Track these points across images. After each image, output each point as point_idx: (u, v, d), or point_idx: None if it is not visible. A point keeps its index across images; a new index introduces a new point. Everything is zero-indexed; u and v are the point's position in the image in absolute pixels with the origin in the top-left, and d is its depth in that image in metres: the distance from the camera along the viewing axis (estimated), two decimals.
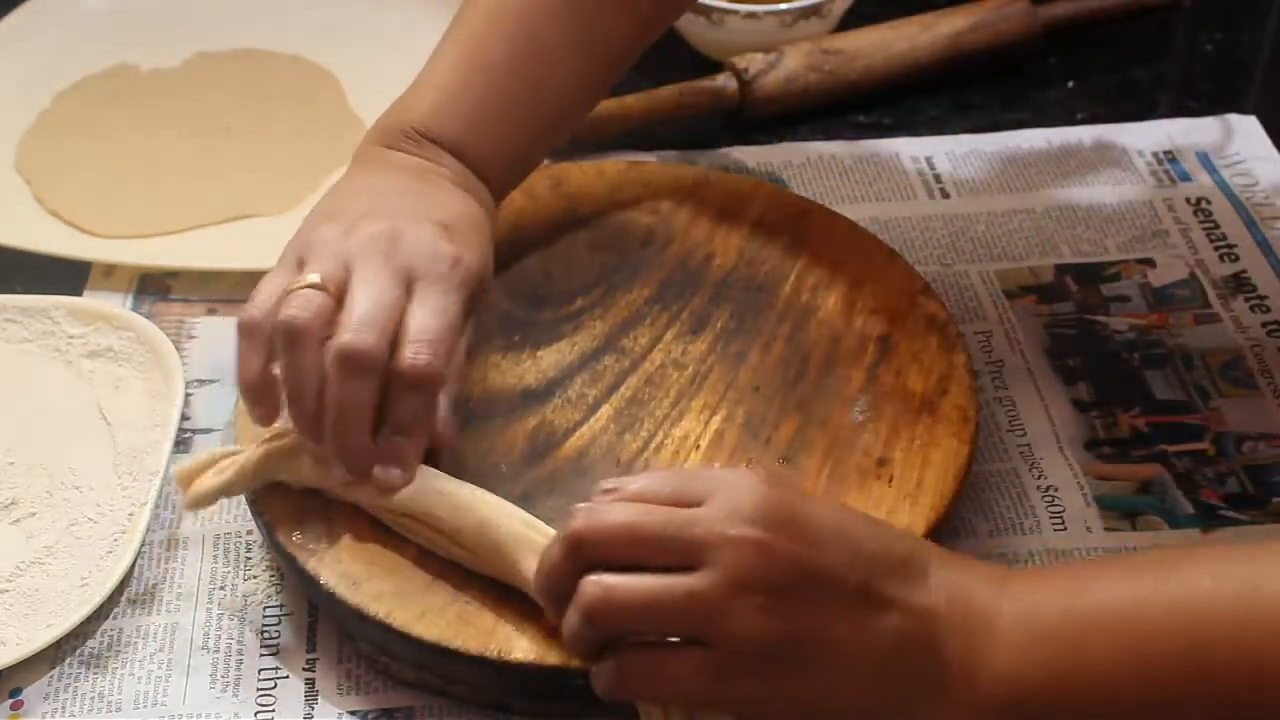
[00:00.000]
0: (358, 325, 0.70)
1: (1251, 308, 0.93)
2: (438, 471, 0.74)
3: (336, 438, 0.71)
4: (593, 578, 0.63)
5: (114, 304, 0.92)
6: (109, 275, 0.96)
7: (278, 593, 0.79)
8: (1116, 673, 0.60)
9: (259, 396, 0.73)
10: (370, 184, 0.79)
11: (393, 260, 0.73)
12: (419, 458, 0.73)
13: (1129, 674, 0.61)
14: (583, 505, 0.64)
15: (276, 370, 0.73)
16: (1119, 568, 0.66)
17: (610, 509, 0.64)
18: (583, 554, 0.64)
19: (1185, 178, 1.03)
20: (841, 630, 0.62)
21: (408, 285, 0.73)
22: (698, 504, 0.63)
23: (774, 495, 0.63)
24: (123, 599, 0.78)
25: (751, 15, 1.09)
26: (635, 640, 0.64)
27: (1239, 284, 0.95)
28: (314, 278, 0.72)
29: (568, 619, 0.64)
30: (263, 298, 0.73)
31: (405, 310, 0.72)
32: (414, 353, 0.71)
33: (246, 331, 0.73)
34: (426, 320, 0.72)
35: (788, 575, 0.61)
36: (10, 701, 0.74)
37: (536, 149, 0.87)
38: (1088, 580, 0.64)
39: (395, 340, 0.71)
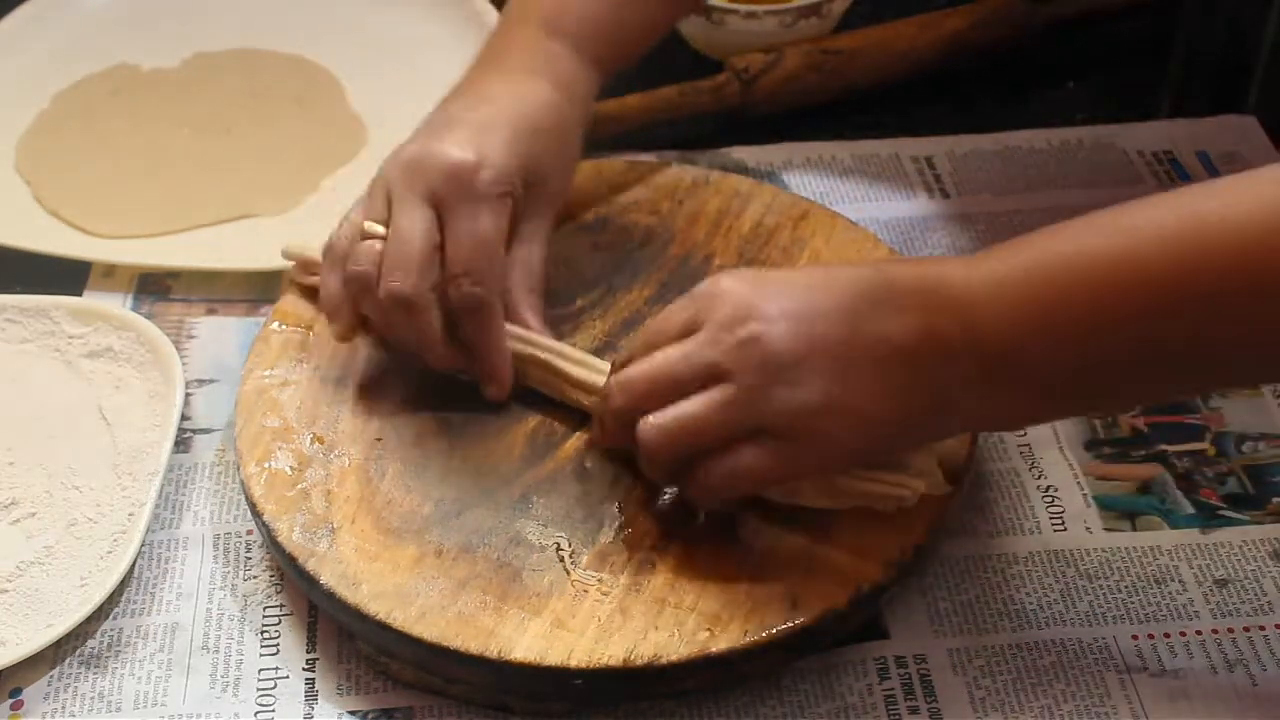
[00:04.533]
0: (390, 269, 0.78)
1: None
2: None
3: (424, 356, 0.81)
4: (644, 422, 0.71)
5: (114, 304, 0.92)
6: (109, 275, 0.96)
7: (278, 593, 0.79)
8: (1086, 319, 0.66)
9: (332, 315, 0.82)
10: (461, 88, 0.87)
11: (416, 186, 0.80)
12: (503, 368, 0.81)
13: (1094, 318, 0.66)
14: (612, 380, 0.73)
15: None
16: (1071, 225, 0.70)
17: (630, 375, 0.72)
18: (630, 413, 0.72)
19: (1185, 178, 1.03)
20: (858, 370, 0.68)
21: (437, 207, 0.80)
22: (696, 329, 0.70)
23: (746, 290, 0.70)
24: (123, 599, 0.78)
25: (751, 15, 1.09)
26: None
27: None
28: (371, 226, 0.80)
29: (642, 464, 0.73)
30: (345, 229, 0.82)
31: (443, 238, 0.79)
32: (454, 286, 0.79)
33: (325, 255, 0.83)
34: (459, 247, 0.79)
35: (794, 347, 0.68)
36: (10, 701, 0.74)
37: (653, 22, 0.94)
38: (1044, 240, 0.69)
39: (441, 269, 0.79)
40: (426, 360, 0.81)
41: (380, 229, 0.80)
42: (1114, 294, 0.66)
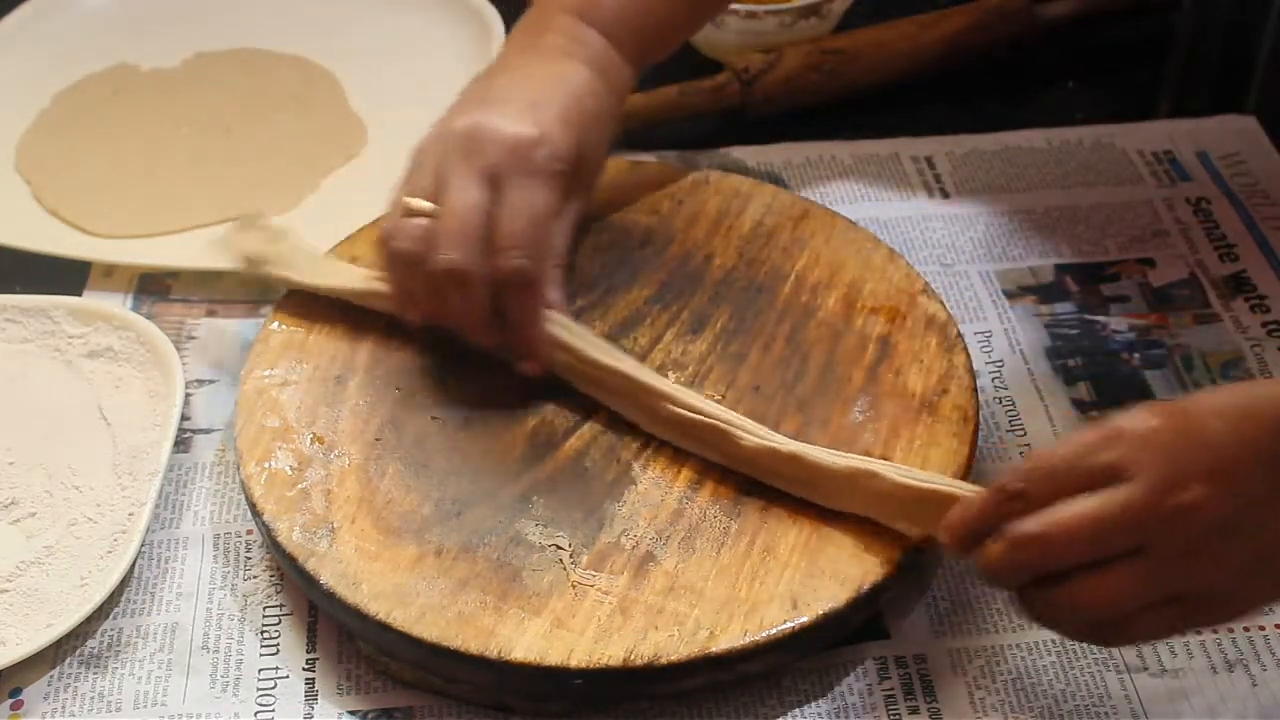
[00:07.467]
0: (446, 244, 0.77)
1: (1251, 308, 0.93)
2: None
3: (468, 333, 0.80)
4: (1061, 600, 0.64)
5: (114, 304, 0.92)
6: (109, 275, 0.96)
7: (278, 593, 0.79)
8: None
9: (404, 307, 0.82)
10: (500, 67, 0.86)
11: (474, 160, 0.78)
12: (542, 344, 0.80)
13: None
14: (1020, 529, 0.64)
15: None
16: None
17: (1045, 531, 0.64)
18: (1036, 567, 0.64)
19: (1185, 178, 1.03)
20: None
21: (493, 182, 0.78)
22: (1119, 477, 0.63)
23: (1178, 440, 0.63)
24: (123, 599, 0.78)
25: (751, 15, 1.09)
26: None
27: (1239, 284, 0.95)
28: (418, 204, 0.78)
29: (1030, 617, 0.66)
30: (393, 212, 0.81)
31: (494, 210, 0.78)
32: (505, 258, 0.78)
33: (379, 247, 0.81)
34: (513, 221, 0.78)
35: (1224, 515, 0.63)
36: (10, 701, 0.74)
37: (681, 20, 0.92)
38: None
39: (491, 241, 0.78)
40: (468, 336, 0.80)
41: (427, 205, 0.78)
42: None
